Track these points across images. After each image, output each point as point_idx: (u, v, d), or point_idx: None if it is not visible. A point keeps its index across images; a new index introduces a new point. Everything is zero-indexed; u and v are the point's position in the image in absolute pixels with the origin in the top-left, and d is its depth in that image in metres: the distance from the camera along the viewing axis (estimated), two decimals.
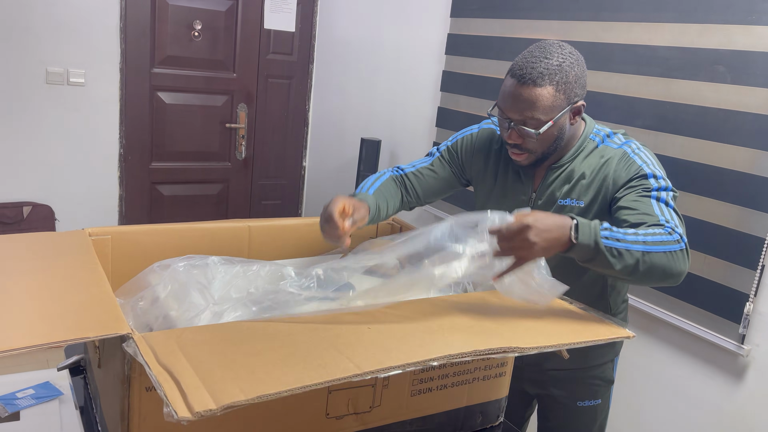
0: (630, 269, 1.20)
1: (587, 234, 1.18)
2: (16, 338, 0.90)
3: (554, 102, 1.33)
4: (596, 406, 1.63)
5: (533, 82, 1.32)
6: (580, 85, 1.36)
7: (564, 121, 1.37)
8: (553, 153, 1.42)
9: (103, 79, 3.33)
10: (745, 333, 1.73)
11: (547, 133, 1.36)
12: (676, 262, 1.22)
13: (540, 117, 1.34)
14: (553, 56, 1.33)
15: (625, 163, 1.38)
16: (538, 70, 1.31)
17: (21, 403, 1.80)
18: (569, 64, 1.33)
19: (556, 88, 1.32)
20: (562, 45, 1.36)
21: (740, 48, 1.73)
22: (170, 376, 0.83)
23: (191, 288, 1.25)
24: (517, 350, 1.02)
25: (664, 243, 1.21)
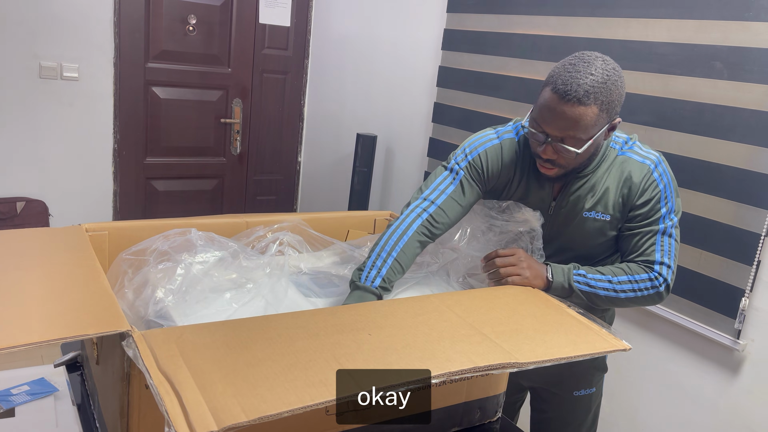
0: (603, 305, 1.43)
1: (561, 278, 1.40)
2: (14, 336, 0.89)
3: (597, 121, 1.28)
4: (591, 394, 1.65)
5: (578, 100, 1.25)
6: (621, 104, 1.32)
7: (600, 139, 1.34)
8: (583, 169, 1.40)
9: (97, 74, 3.30)
10: (740, 328, 1.74)
11: (584, 152, 1.32)
12: (649, 301, 1.43)
13: (581, 136, 1.28)
14: (598, 72, 1.26)
15: (647, 182, 1.38)
16: (584, 87, 1.24)
17: (16, 400, 1.79)
18: (613, 82, 1.27)
19: (600, 108, 1.26)
20: (605, 60, 1.29)
21: (737, 44, 1.73)
22: (171, 387, 0.82)
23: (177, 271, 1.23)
24: (515, 365, 1.02)
25: (637, 290, 1.40)
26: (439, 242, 1.52)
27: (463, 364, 1.00)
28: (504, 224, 1.49)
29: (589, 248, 1.47)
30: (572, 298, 1.40)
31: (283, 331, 1.02)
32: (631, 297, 1.40)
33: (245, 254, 1.35)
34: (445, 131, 2.80)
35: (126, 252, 1.27)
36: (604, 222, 1.42)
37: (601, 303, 1.42)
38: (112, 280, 1.25)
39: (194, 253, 1.27)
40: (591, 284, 1.40)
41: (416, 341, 1.05)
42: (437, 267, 1.50)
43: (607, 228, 1.43)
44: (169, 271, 1.20)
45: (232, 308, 1.18)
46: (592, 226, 1.43)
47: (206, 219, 1.58)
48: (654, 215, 1.39)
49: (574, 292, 1.40)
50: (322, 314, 1.11)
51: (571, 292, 1.40)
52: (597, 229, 1.43)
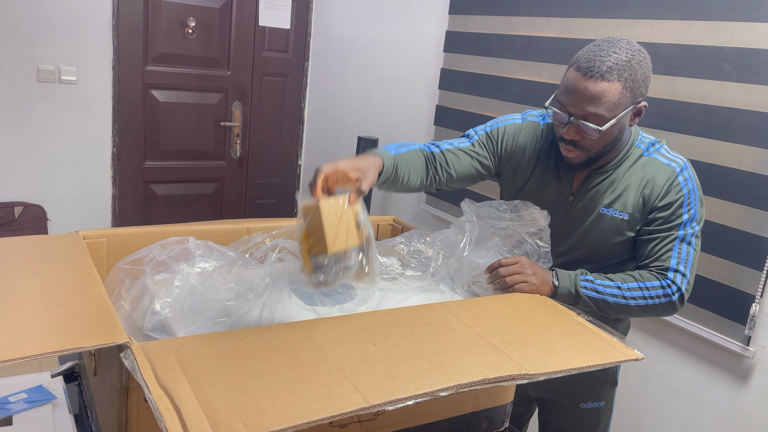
0: (612, 313, 1.38)
1: (567, 284, 1.35)
2: (9, 348, 0.86)
3: (620, 99, 1.26)
4: (599, 408, 1.62)
5: (601, 76, 1.24)
6: (646, 86, 1.31)
7: (625, 121, 1.32)
8: (606, 155, 1.37)
9: (95, 77, 3.28)
10: (750, 334, 1.71)
11: (608, 132, 1.29)
12: (662, 310, 1.37)
13: (603, 113, 1.26)
14: (622, 51, 1.25)
15: (671, 185, 1.35)
16: (607, 64, 1.24)
17: (13, 408, 1.75)
18: (638, 62, 1.26)
19: (624, 85, 1.25)
20: (630, 42, 1.29)
21: (745, 45, 1.71)
22: (170, 401, 0.79)
23: (175, 281, 1.20)
24: (526, 377, 0.99)
25: (648, 297, 1.35)
26: (443, 247, 1.49)
27: (473, 376, 0.97)
28: (510, 225, 1.46)
29: (603, 248, 1.42)
30: (580, 305, 1.36)
31: (285, 342, 0.99)
32: (642, 305, 1.36)
33: (244, 263, 1.32)
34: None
35: (123, 261, 1.24)
36: (621, 221, 1.38)
37: (611, 311, 1.38)
38: (109, 290, 1.22)
39: (192, 263, 1.24)
40: (599, 290, 1.36)
41: (423, 352, 1.02)
42: (442, 275, 1.47)
43: (624, 228, 1.39)
44: (166, 281, 1.17)
45: (231, 319, 1.15)
46: (608, 224, 1.39)
47: (206, 225, 1.55)
48: (675, 220, 1.35)
49: (581, 298, 1.35)
50: (326, 324, 1.08)
51: (578, 298, 1.35)
52: (614, 227, 1.39)
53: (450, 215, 2.76)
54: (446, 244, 1.48)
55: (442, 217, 2.82)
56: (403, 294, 1.39)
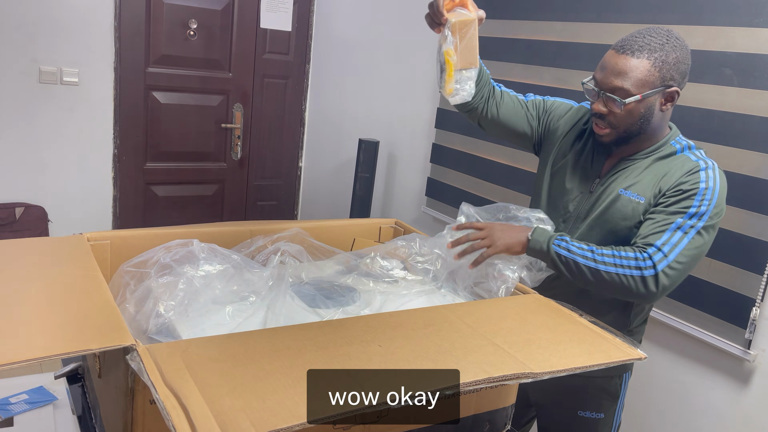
0: (579, 278, 1.35)
1: (541, 238, 1.36)
2: (14, 351, 0.86)
3: (647, 77, 1.31)
4: (598, 420, 1.58)
5: (632, 53, 1.31)
6: (679, 71, 1.33)
7: (653, 102, 1.34)
8: (636, 136, 1.39)
9: (97, 79, 3.28)
10: (751, 338, 1.72)
11: (633, 108, 1.33)
12: (632, 285, 1.31)
13: (629, 88, 1.31)
14: (657, 36, 1.32)
15: (689, 176, 1.36)
16: (639, 43, 1.31)
17: (14, 409, 1.76)
18: (672, 46, 1.32)
19: (653, 63, 1.30)
20: (670, 31, 1.35)
21: (746, 51, 1.71)
22: (178, 401, 0.79)
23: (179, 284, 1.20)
24: (530, 376, 1.00)
25: (620, 266, 1.31)
26: (443, 251, 1.49)
27: (477, 375, 0.97)
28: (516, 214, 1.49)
29: (617, 230, 1.41)
30: (548, 264, 1.38)
31: (291, 344, 1.00)
32: (612, 273, 1.31)
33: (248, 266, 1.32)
34: (448, 137, 2.78)
35: (127, 264, 1.25)
36: (637, 203, 1.39)
37: (579, 276, 1.35)
38: (113, 292, 1.22)
39: (196, 266, 1.25)
40: (571, 249, 1.35)
41: (428, 352, 1.03)
42: (443, 278, 1.48)
43: (640, 211, 1.39)
44: (170, 284, 1.17)
45: (235, 321, 1.16)
46: (625, 206, 1.40)
47: (209, 227, 1.56)
48: (681, 207, 1.33)
49: (549, 255, 1.36)
50: (330, 326, 1.08)
51: (547, 255, 1.36)
52: (630, 209, 1.40)
53: (451, 218, 2.77)
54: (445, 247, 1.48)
55: (442, 219, 2.83)
56: (405, 297, 1.40)
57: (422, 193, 2.98)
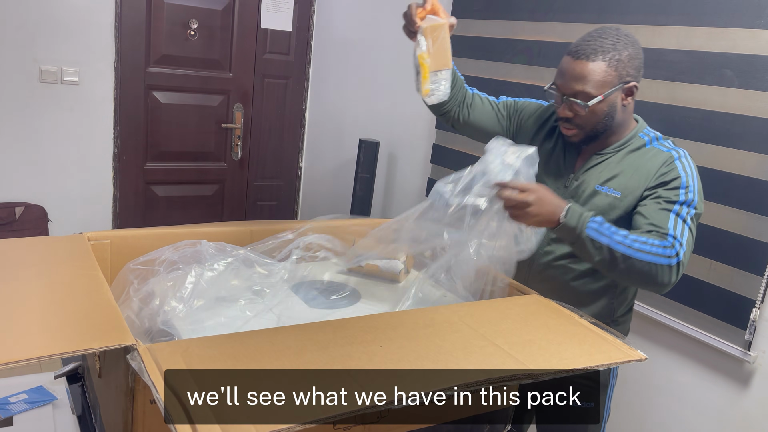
0: (608, 265, 1.30)
1: (575, 218, 1.30)
2: (14, 350, 0.86)
3: (605, 77, 1.37)
4: (588, 409, 1.60)
5: (586, 57, 1.37)
6: (634, 66, 1.39)
7: (614, 99, 1.40)
8: (602, 133, 1.44)
9: (97, 78, 3.28)
10: (751, 339, 1.72)
11: (596, 108, 1.39)
12: (660, 274, 1.29)
13: (590, 91, 1.37)
14: (608, 36, 1.38)
15: (667, 167, 1.40)
16: (592, 46, 1.37)
17: (14, 408, 1.75)
18: (623, 44, 1.37)
19: (608, 64, 1.36)
20: (619, 29, 1.41)
21: (747, 52, 1.71)
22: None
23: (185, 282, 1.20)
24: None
25: (653, 254, 1.29)
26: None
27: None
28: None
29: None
30: (576, 247, 1.33)
31: (291, 344, 1.00)
32: (644, 260, 1.28)
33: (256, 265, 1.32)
34: (448, 137, 2.78)
35: (134, 262, 1.25)
36: (614, 198, 1.43)
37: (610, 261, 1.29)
38: (117, 290, 1.23)
39: (203, 264, 1.25)
40: (604, 233, 1.30)
41: (428, 353, 1.03)
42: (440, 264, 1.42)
43: (617, 205, 1.42)
44: (175, 284, 1.17)
45: (240, 321, 1.16)
46: (602, 201, 1.44)
47: (210, 227, 1.56)
48: (671, 196, 1.35)
49: (581, 237, 1.30)
50: (331, 326, 1.08)
51: (579, 236, 1.30)
52: (607, 204, 1.43)
53: None
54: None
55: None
56: (406, 297, 1.39)
57: (423, 193, 2.98)
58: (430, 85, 1.28)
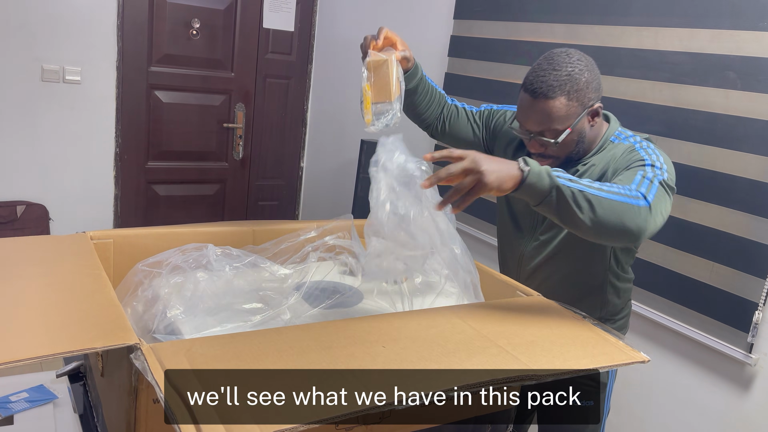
0: (585, 214, 1.17)
1: (537, 167, 1.15)
2: (17, 349, 0.86)
3: (568, 111, 1.36)
4: (588, 407, 1.61)
5: (545, 95, 1.34)
6: (593, 89, 1.38)
7: (582, 126, 1.40)
8: (581, 154, 1.45)
9: (99, 77, 3.28)
10: (753, 342, 1.72)
11: (566, 140, 1.39)
12: (634, 215, 1.18)
13: (557, 127, 1.37)
14: (561, 67, 1.35)
15: (628, 154, 1.39)
16: (548, 82, 1.34)
17: (14, 407, 1.75)
18: (578, 71, 1.35)
19: (569, 97, 1.35)
20: (569, 53, 1.38)
21: (751, 54, 1.71)
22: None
23: (189, 286, 1.20)
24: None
25: (623, 195, 1.20)
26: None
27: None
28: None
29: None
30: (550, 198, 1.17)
31: (294, 344, 0.99)
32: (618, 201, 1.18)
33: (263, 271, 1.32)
34: None
35: (143, 263, 1.25)
36: None
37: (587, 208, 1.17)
38: (125, 289, 1.23)
39: (209, 269, 1.25)
40: (573, 179, 1.19)
41: (432, 353, 1.03)
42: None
43: None
44: (180, 285, 1.17)
45: (245, 327, 1.16)
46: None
47: (211, 226, 1.56)
48: (634, 164, 1.32)
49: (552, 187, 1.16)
50: (334, 326, 1.08)
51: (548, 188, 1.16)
52: None
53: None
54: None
55: None
56: (409, 298, 1.39)
57: None
58: (372, 115, 1.34)
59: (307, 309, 1.28)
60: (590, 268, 1.51)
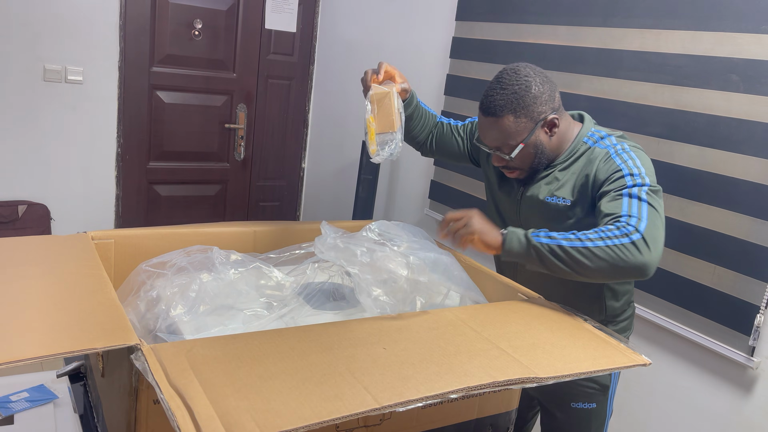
0: (571, 266, 1.27)
1: (513, 231, 1.33)
2: (19, 348, 0.86)
3: (517, 127, 1.42)
4: (590, 410, 1.62)
5: (493, 114, 1.42)
6: (543, 102, 1.42)
7: (536, 139, 1.44)
8: (545, 162, 1.48)
9: (101, 77, 3.28)
10: (755, 345, 1.71)
11: (522, 154, 1.45)
12: (628, 254, 1.24)
13: (510, 143, 1.44)
14: (507, 86, 1.41)
15: (605, 163, 1.42)
16: (495, 102, 1.41)
17: (15, 407, 1.75)
18: (524, 89, 1.40)
19: (516, 115, 1.41)
20: (517, 71, 1.43)
21: (753, 57, 1.71)
22: (182, 401, 0.79)
23: (193, 287, 1.20)
24: (535, 380, 1.00)
25: (606, 238, 1.26)
26: None
27: (482, 379, 0.97)
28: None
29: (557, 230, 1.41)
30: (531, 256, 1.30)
31: (295, 345, 0.99)
32: (602, 246, 1.25)
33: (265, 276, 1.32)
34: None
35: (147, 263, 1.25)
36: (565, 206, 1.46)
37: (568, 262, 1.27)
38: (127, 289, 1.23)
39: (212, 271, 1.25)
40: (551, 236, 1.30)
41: (432, 355, 1.02)
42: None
43: (569, 210, 1.45)
44: (183, 287, 1.17)
45: (243, 328, 1.15)
46: (553, 210, 1.47)
47: (212, 227, 1.56)
48: (617, 184, 1.36)
49: (530, 246, 1.29)
50: (335, 328, 1.08)
51: (528, 248, 1.30)
52: (559, 212, 1.47)
53: None
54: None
55: None
56: (408, 299, 1.39)
57: (425, 195, 2.98)
58: (376, 146, 1.43)
59: (308, 310, 1.28)
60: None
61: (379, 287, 1.24)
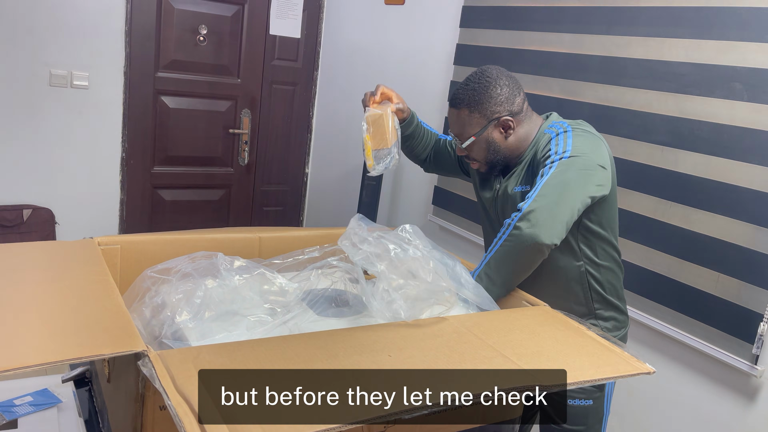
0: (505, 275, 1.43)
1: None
2: (24, 354, 0.87)
3: (470, 121, 1.53)
4: (587, 407, 1.63)
5: (455, 105, 1.55)
6: (499, 103, 1.51)
7: (489, 135, 1.54)
8: (500, 162, 1.57)
9: (106, 83, 3.30)
10: (758, 353, 1.71)
11: (474, 146, 1.55)
12: (512, 242, 1.39)
13: (462, 133, 1.56)
14: (470, 83, 1.53)
15: (544, 147, 1.50)
16: (458, 95, 1.54)
17: (19, 411, 1.75)
18: (483, 86, 1.51)
19: (470, 110, 1.52)
20: (484, 71, 1.53)
21: (757, 66, 1.72)
22: (189, 407, 0.80)
23: (198, 293, 1.21)
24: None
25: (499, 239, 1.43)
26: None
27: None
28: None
29: None
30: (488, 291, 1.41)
31: (301, 352, 1.00)
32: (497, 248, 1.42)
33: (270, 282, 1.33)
34: None
35: (152, 269, 1.26)
36: (525, 192, 1.51)
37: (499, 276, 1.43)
38: (133, 295, 1.23)
39: (217, 277, 1.25)
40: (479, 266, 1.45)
41: (438, 363, 1.03)
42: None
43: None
44: (188, 293, 1.18)
45: (248, 334, 1.16)
46: (519, 198, 1.53)
47: (217, 233, 1.56)
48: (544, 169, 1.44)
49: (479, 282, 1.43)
50: (341, 335, 1.09)
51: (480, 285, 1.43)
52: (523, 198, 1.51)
53: (456, 226, 2.77)
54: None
55: (449, 228, 2.83)
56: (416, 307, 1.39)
57: (429, 201, 2.98)
58: (373, 161, 1.55)
59: (311, 316, 1.29)
60: (564, 262, 1.53)
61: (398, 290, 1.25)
